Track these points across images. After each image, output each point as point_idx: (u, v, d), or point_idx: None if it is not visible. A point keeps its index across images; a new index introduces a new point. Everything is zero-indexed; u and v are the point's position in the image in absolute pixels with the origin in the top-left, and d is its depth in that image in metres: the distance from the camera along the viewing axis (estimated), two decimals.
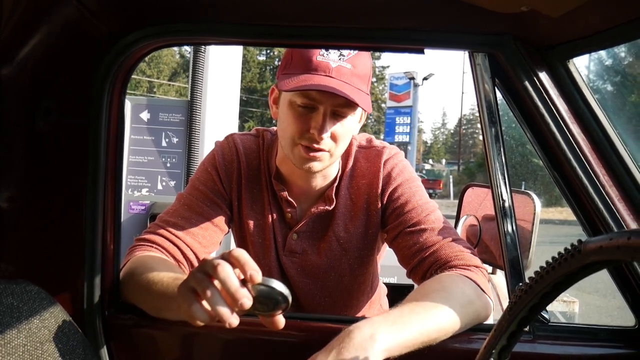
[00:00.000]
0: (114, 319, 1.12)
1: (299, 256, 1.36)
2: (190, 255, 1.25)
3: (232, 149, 1.35)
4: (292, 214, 1.35)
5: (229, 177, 1.34)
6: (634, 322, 1.07)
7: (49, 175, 1.09)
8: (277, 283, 0.83)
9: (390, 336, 0.93)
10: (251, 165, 1.35)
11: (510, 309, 0.74)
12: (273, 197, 1.35)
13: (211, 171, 1.34)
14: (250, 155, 1.36)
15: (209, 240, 1.28)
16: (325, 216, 1.35)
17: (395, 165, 1.32)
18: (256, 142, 1.39)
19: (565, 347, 1.07)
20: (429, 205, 1.28)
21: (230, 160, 1.34)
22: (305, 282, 1.38)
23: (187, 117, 2.71)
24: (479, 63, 1.07)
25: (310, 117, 1.20)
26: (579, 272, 0.65)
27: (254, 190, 1.35)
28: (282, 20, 1.05)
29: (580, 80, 1.02)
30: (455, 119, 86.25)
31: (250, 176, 1.35)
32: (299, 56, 1.20)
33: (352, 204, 1.34)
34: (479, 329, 1.08)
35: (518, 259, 1.08)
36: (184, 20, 1.06)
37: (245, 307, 0.79)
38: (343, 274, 1.37)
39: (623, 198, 1.00)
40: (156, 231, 1.25)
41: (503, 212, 1.09)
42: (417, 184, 1.32)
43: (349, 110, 1.21)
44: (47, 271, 1.08)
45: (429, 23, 1.03)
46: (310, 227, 1.36)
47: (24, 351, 0.85)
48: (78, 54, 1.06)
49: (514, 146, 15.28)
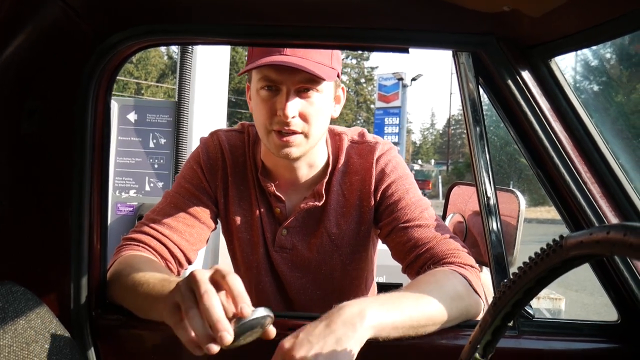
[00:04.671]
0: (101, 320, 1.12)
1: (289, 251, 1.36)
2: (177, 253, 1.25)
3: (216, 146, 1.35)
4: (281, 209, 1.35)
5: (213, 173, 1.34)
6: (617, 317, 1.08)
7: (34, 176, 1.08)
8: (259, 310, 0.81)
9: (379, 314, 0.94)
10: (237, 162, 1.35)
11: (494, 305, 0.75)
12: (261, 193, 1.35)
13: (196, 168, 1.34)
14: (236, 152, 1.36)
15: (196, 237, 1.28)
16: (316, 212, 1.34)
17: (389, 161, 1.32)
18: (241, 138, 1.38)
19: (549, 343, 1.08)
20: (423, 202, 1.28)
21: (215, 158, 1.34)
22: (296, 276, 1.38)
23: (175, 118, 2.70)
24: (463, 62, 1.08)
25: (275, 100, 1.20)
26: (561, 267, 0.66)
27: (240, 186, 1.35)
28: (266, 20, 1.05)
29: (562, 79, 1.03)
30: (443, 119, 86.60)
31: (236, 173, 1.35)
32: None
33: (345, 200, 1.34)
34: (464, 325, 1.09)
35: (503, 256, 1.09)
36: (169, 20, 1.06)
37: (224, 341, 0.77)
38: (334, 269, 1.37)
39: (604, 195, 1.01)
40: (143, 230, 1.25)
41: (488, 210, 1.10)
42: (410, 180, 1.32)
43: (311, 86, 1.21)
44: (33, 272, 1.08)
45: (413, 23, 1.04)
46: (300, 223, 1.35)
47: (9, 352, 0.85)
48: (63, 54, 1.06)
49: (502, 145, 15.36)
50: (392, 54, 1.14)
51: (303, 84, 1.20)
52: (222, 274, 0.83)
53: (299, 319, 1.14)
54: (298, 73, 1.17)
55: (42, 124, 1.06)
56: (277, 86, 1.20)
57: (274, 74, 1.18)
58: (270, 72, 1.18)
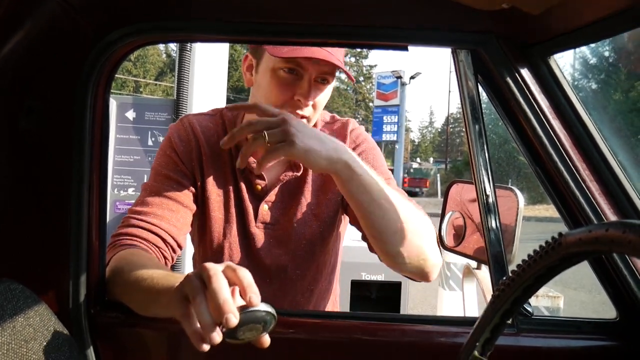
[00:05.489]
0: (100, 317, 1.12)
1: (271, 226, 1.36)
2: (169, 239, 1.24)
3: (187, 128, 1.36)
4: (262, 185, 1.36)
5: (188, 155, 1.33)
6: (616, 315, 1.09)
7: (32, 174, 1.08)
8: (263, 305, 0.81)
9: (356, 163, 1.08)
10: (210, 143, 1.35)
11: (493, 302, 0.75)
12: (240, 171, 1.35)
13: (170, 154, 1.33)
14: (208, 132, 1.36)
15: (182, 222, 1.28)
16: (295, 183, 1.37)
17: (360, 134, 1.40)
18: (213, 121, 1.39)
19: (548, 340, 1.08)
20: (388, 174, 1.34)
21: (187, 140, 1.34)
22: (276, 253, 1.37)
23: (173, 116, 2.70)
24: (462, 60, 1.08)
25: (295, 84, 1.23)
26: (560, 264, 0.66)
27: (215, 166, 1.35)
28: (265, 17, 1.05)
29: (561, 77, 1.03)
30: (442, 117, 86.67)
31: (211, 153, 1.34)
32: None
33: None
34: (463, 323, 1.09)
35: (502, 254, 1.09)
36: (168, 18, 1.06)
37: (230, 322, 0.76)
38: (314, 242, 1.38)
39: (603, 192, 1.01)
40: (131, 223, 1.24)
41: (486, 208, 1.10)
42: (379, 153, 1.41)
43: (329, 77, 1.27)
44: (31, 270, 1.07)
45: (412, 20, 1.04)
46: (280, 197, 1.37)
47: (8, 349, 0.85)
48: (61, 52, 1.06)
49: (500, 143, 15.37)
50: (391, 52, 1.14)
51: (324, 75, 1.25)
52: (233, 267, 0.83)
53: (296, 317, 1.15)
54: (323, 64, 1.21)
55: (40, 122, 1.06)
56: (299, 71, 1.23)
57: (303, 60, 1.21)
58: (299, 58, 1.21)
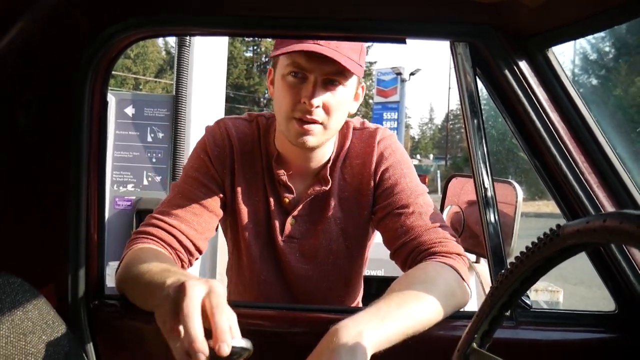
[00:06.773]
0: (99, 311, 1.12)
1: (297, 241, 1.36)
2: (186, 242, 1.23)
3: (223, 133, 1.34)
4: (290, 199, 1.34)
5: (221, 161, 1.32)
6: (614, 307, 1.09)
7: (31, 169, 1.08)
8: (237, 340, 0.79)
9: (376, 332, 0.92)
10: (245, 150, 1.34)
11: (492, 294, 0.75)
12: (270, 182, 1.34)
13: (203, 157, 1.32)
14: (244, 139, 1.35)
15: (204, 226, 1.27)
16: (322, 198, 1.34)
17: (389, 145, 1.33)
18: (250, 127, 1.37)
19: (547, 333, 1.09)
20: (419, 188, 1.29)
21: (222, 145, 1.33)
22: (302, 268, 1.37)
23: (173, 112, 2.70)
24: (460, 53, 1.07)
25: (301, 88, 1.21)
26: (558, 256, 0.66)
27: (247, 175, 1.34)
28: (264, 11, 1.05)
29: (559, 69, 1.03)
30: (442, 114, 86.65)
31: (244, 161, 1.34)
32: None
33: (346, 184, 1.34)
34: (461, 316, 1.09)
35: (500, 247, 1.09)
36: (166, 11, 1.06)
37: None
38: (340, 256, 1.37)
39: (601, 184, 1.01)
40: (152, 222, 1.24)
41: (485, 201, 1.10)
42: (408, 165, 1.33)
43: (339, 79, 1.22)
44: (30, 264, 1.08)
45: (410, 13, 1.04)
46: (308, 211, 1.35)
47: (6, 343, 0.85)
48: (59, 46, 1.05)
49: (499, 137, 15.35)
50: (390, 48, 1.13)
51: (331, 76, 1.21)
52: (212, 303, 0.81)
53: (301, 311, 1.15)
54: (328, 64, 1.17)
55: (38, 117, 1.06)
56: (304, 74, 1.20)
57: (305, 61, 1.19)
58: (300, 59, 1.19)
